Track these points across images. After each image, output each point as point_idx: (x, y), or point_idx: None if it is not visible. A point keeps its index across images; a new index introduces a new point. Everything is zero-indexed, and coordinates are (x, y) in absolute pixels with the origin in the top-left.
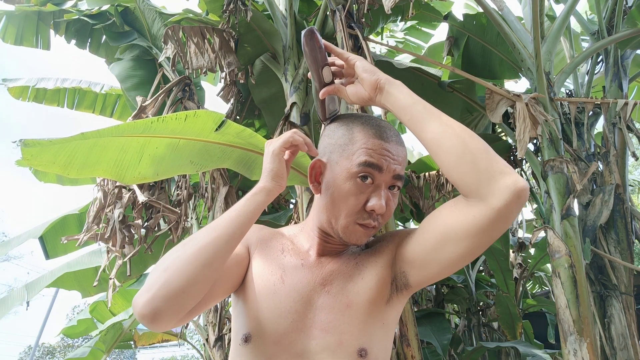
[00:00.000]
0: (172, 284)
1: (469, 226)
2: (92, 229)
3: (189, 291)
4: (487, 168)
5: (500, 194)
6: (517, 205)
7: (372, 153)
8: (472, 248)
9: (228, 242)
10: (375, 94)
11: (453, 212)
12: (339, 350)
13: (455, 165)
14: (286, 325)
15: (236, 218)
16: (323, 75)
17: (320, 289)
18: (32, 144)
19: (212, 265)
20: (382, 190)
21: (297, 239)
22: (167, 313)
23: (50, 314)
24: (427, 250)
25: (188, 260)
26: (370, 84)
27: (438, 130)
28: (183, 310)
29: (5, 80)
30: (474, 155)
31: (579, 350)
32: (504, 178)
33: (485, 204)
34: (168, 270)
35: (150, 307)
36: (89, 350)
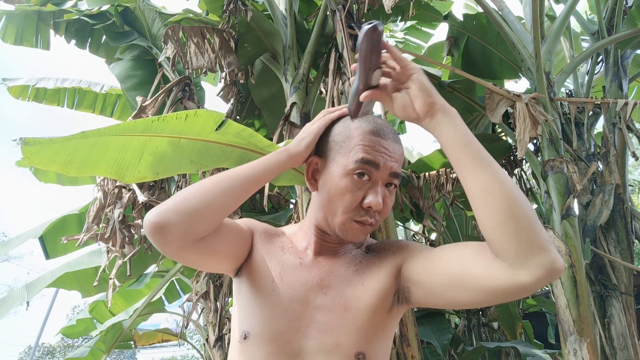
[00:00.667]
0: (187, 201)
1: (489, 285)
2: (92, 229)
3: (202, 212)
4: (528, 240)
5: (535, 271)
6: (546, 283)
7: (369, 150)
8: (484, 302)
9: (243, 182)
10: (426, 117)
11: (476, 261)
12: (336, 353)
13: (495, 227)
14: (283, 324)
15: (256, 166)
16: (372, 77)
17: (317, 289)
18: (32, 142)
19: (227, 196)
20: (379, 187)
21: (296, 237)
22: (177, 227)
23: (50, 314)
24: (438, 284)
25: (205, 186)
26: (424, 104)
27: (487, 183)
28: (192, 230)
29: (5, 80)
30: (519, 223)
31: (579, 350)
32: (542, 255)
33: (514, 274)
34: (185, 191)
35: (162, 217)
36: (88, 350)
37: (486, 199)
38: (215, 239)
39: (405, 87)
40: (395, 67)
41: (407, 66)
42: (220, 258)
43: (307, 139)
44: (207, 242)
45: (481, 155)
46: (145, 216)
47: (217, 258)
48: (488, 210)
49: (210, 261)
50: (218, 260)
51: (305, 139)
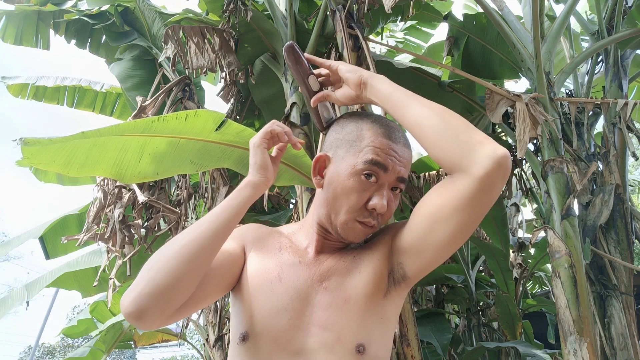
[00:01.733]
0: (157, 280)
1: (455, 201)
2: (92, 229)
3: (174, 287)
4: (466, 140)
5: (481, 162)
6: (499, 173)
7: (379, 152)
8: (462, 224)
9: (213, 237)
10: (361, 90)
11: (440, 192)
12: (337, 347)
13: (437, 143)
14: (283, 323)
15: (221, 214)
16: (310, 84)
17: (317, 286)
18: (32, 142)
19: (197, 260)
20: (385, 190)
21: (296, 236)
22: (153, 310)
23: (50, 314)
24: (420, 235)
25: (172, 256)
26: (354, 81)
27: (419, 111)
28: (169, 307)
29: (5, 78)
30: (454, 130)
31: (579, 350)
32: (483, 147)
33: (468, 175)
34: (153, 268)
35: (136, 304)
36: (88, 350)
37: (423, 123)
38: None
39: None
40: (327, 74)
41: (330, 65)
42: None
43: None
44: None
45: (408, 95)
46: (121, 302)
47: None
48: (427, 131)
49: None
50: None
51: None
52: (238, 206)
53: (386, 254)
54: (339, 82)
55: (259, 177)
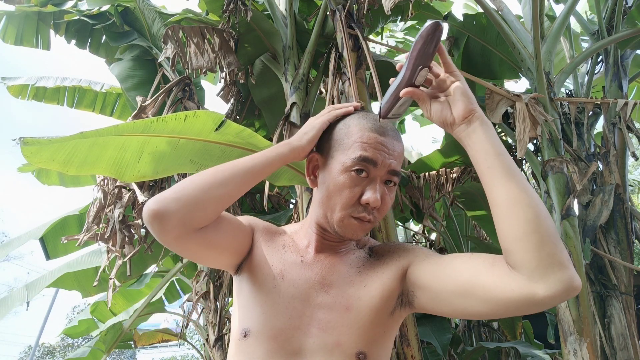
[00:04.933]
0: (186, 190)
1: (501, 296)
2: (92, 229)
3: (201, 202)
4: (549, 254)
5: (552, 285)
6: (561, 301)
7: (367, 147)
8: (493, 314)
9: (244, 173)
10: (462, 123)
11: (491, 270)
12: (337, 351)
13: (518, 239)
14: (284, 322)
15: (256, 158)
16: (418, 75)
17: (318, 287)
18: (31, 142)
19: (226, 187)
20: (377, 184)
21: (297, 236)
22: (175, 215)
23: (50, 314)
24: (446, 290)
25: (205, 176)
26: (463, 110)
27: (516, 194)
28: (190, 220)
29: (5, 79)
30: (543, 237)
31: (579, 350)
32: (562, 271)
33: (531, 287)
34: (185, 181)
35: (161, 204)
36: (89, 350)
37: (513, 210)
38: (215, 231)
39: (446, 93)
40: (439, 74)
41: (454, 72)
42: (219, 251)
43: (310, 134)
44: (206, 233)
45: (512, 167)
46: (145, 204)
47: (216, 251)
48: (514, 221)
49: (209, 254)
50: (217, 254)
51: (308, 133)
52: (272, 158)
53: (399, 276)
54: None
55: (300, 144)
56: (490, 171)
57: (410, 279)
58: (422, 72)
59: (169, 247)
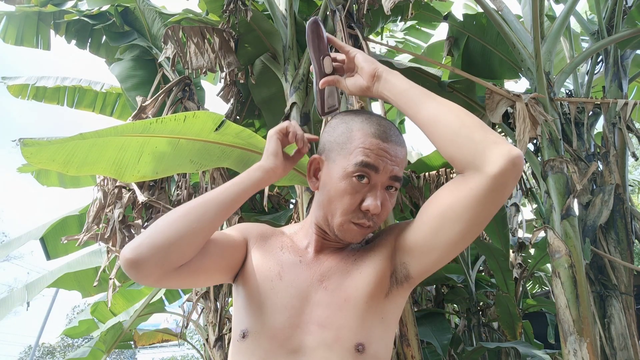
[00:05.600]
0: (159, 234)
1: (467, 199)
2: (92, 229)
3: (175, 243)
4: (481, 139)
5: (495, 161)
6: (513, 173)
7: (369, 153)
8: (472, 223)
9: (218, 206)
10: (373, 82)
11: (451, 190)
12: (336, 346)
13: (451, 141)
14: (282, 321)
15: (230, 187)
16: (324, 65)
17: (317, 285)
18: (30, 143)
19: (200, 223)
20: (378, 190)
21: (297, 236)
22: (151, 261)
23: (50, 314)
24: (427, 235)
25: (178, 216)
26: (368, 72)
27: (434, 108)
28: (167, 262)
29: (5, 79)
30: (469, 128)
31: (579, 350)
32: (498, 147)
33: (482, 173)
34: (158, 224)
35: (135, 252)
36: (89, 351)
37: (438, 120)
38: (202, 258)
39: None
40: (343, 60)
41: (348, 50)
42: (208, 274)
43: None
44: (190, 266)
45: (425, 92)
46: (121, 251)
47: (205, 275)
48: (442, 128)
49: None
50: (207, 277)
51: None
52: (246, 185)
53: (388, 254)
54: (352, 71)
55: (269, 162)
56: (408, 104)
57: (399, 251)
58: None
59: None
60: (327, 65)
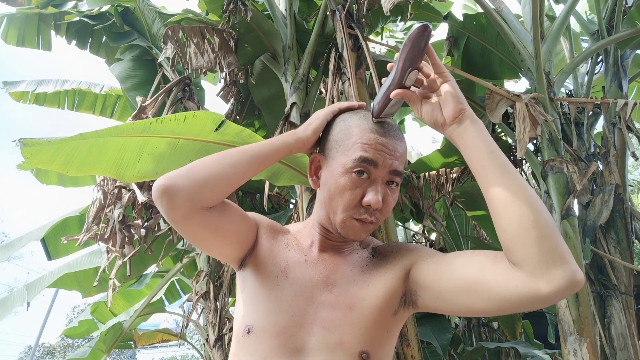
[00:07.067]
0: (195, 169)
1: (505, 293)
2: (92, 229)
3: (209, 181)
4: (550, 249)
5: (555, 281)
6: (566, 296)
7: (368, 148)
8: (497, 310)
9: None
10: (452, 123)
11: (494, 267)
12: (340, 350)
13: (517, 235)
14: (287, 319)
15: (265, 144)
16: (408, 77)
17: (322, 286)
18: (30, 143)
19: (234, 168)
20: (379, 185)
21: (301, 235)
22: (184, 192)
23: (50, 314)
24: (449, 289)
25: (214, 158)
26: (453, 110)
27: (511, 191)
28: (199, 197)
29: (7, 84)
30: (542, 231)
31: (579, 350)
32: (564, 266)
33: (534, 283)
34: (194, 164)
35: (171, 181)
36: (89, 351)
37: (510, 206)
38: (221, 217)
39: (437, 93)
40: (429, 75)
41: (443, 73)
42: (224, 239)
43: (314, 124)
44: (212, 215)
45: (506, 164)
46: (155, 182)
47: (221, 238)
48: (511, 218)
49: (213, 240)
50: (222, 242)
51: (312, 124)
52: (278, 146)
53: (402, 275)
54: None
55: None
56: (484, 169)
57: (414, 279)
58: (412, 74)
59: (175, 225)
60: (411, 79)
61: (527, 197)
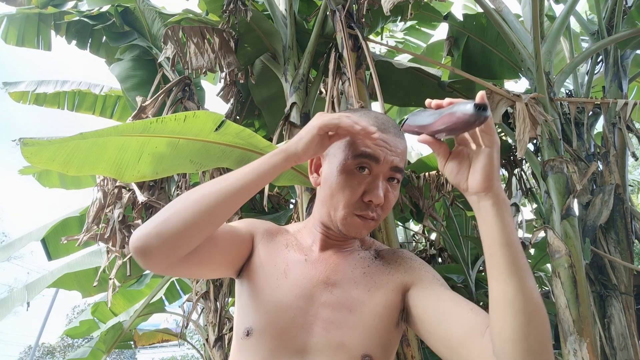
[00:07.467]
0: (169, 222)
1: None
2: (92, 229)
3: (184, 233)
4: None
5: None
6: None
7: (369, 144)
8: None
9: (234, 194)
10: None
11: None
12: (341, 352)
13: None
14: (287, 320)
15: (248, 174)
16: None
17: (323, 286)
18: (30, 143)
19: (212, 212)
20: (380, 181)
21: (301, 234)
22: (158, 250)
23: (50, 313)
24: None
25: (190, 203)
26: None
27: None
28: (174, 252)
29: (7, 85)
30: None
31: (579, 350)
32: None
33: None
34: (169, 209)
35: (143, 240)
36: (89, 351)
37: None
38: (208, 249)
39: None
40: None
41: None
42: (214, 266)
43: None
44: (197, 254)
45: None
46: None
47: (211, 267)
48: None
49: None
50: (213, 268)
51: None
52: (266, 171)
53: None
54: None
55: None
56: (492, 259)
57: (409, 303)
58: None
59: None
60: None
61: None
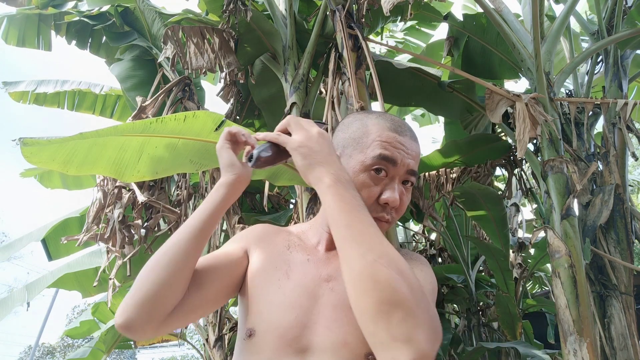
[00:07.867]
0: (141, 290)
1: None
2: (92, 229)
3: (158, 295)
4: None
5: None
6: None
7: (387, 146)
8: None
9: (190, 241)
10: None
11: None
12: (345, 351)
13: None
14: (290, 320)
15: (198, 217)
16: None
17: (324, 284)
18: (31, 143)
19: (176, 265)
20: (396, 183)
21: (306, 235)
22: (139, 320)
23: (50, 313)
24: None
25: (154, 264)
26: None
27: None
28: (155, 316)
29: (7, 84)
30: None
31: (579, 350)
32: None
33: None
34: (140, 277)
35: (124, 316)
36: (89, 351)
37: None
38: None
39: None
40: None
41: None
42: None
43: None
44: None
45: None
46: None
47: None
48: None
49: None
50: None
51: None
52: (213, 208)
53: None
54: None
55: (228, 175)
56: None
57: None
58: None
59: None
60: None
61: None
